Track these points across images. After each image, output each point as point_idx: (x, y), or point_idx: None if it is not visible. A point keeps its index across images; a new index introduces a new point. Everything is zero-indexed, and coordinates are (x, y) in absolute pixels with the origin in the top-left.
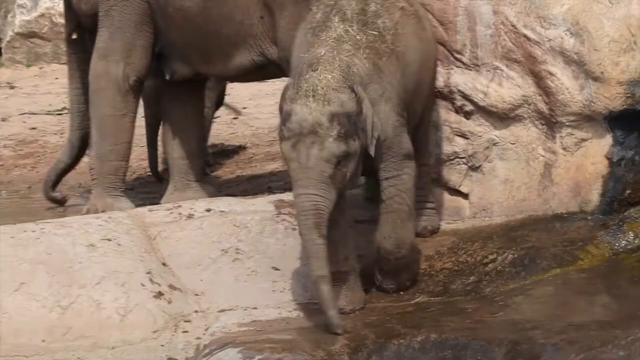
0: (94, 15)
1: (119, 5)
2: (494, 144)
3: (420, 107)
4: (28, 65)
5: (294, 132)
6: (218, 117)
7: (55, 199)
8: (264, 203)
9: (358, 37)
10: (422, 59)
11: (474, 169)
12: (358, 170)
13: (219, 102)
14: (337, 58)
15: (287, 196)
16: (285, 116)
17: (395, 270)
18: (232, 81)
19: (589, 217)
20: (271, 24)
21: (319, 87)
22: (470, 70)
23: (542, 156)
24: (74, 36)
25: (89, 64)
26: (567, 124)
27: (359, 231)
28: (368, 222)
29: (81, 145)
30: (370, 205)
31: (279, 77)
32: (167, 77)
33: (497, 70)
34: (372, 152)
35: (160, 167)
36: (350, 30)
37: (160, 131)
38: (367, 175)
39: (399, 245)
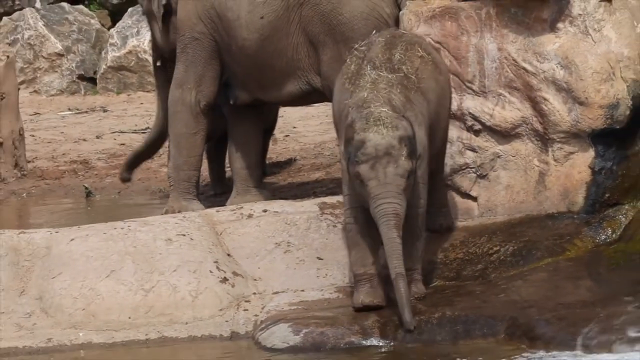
0: (171, 51)
1: (192, 44)
2: (498, 157)
3: (439, 139)
4: (118, 93)
5: (370, 155)
6: (273, 135)
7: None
8: (310, 205)
9: (389, 77)
10: (439, 98)
11: (482, 177)
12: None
13: (273, 124)
14: (379, 96)
15: (330, 199)
16: (358, 144)
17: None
18: (283, 106)
19: (575, 216)
20: (315, 59)
21: (384, 117)
22: (479, 96)
23: (537, 166)
24: (159, 63)
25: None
26: (557, 140)
27: None
28: None
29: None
30: None
31: (322, 102)
32: (231, 102)
33: (501, 96)
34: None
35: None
36: (382, 74)
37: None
38: None
39: (408, 259)
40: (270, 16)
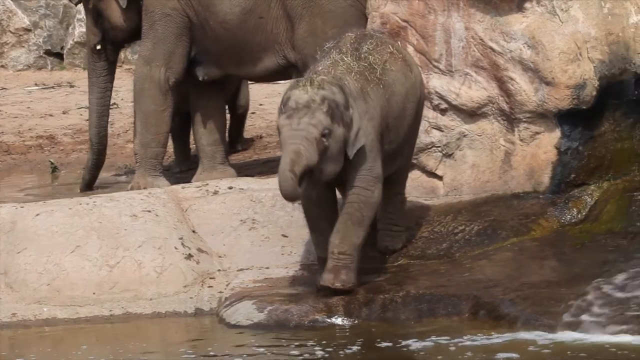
0: (129, 30)
1: (163, 20)
2: (464, 136)
3: (403, 133)
4: (84, 68)
5: (290, 107)
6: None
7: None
8: (276, 182)
9: (351, 64)
10: (406, 93)
11: (448, 156)
12: (338, 162)
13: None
14: (332, 72)
15: None
16: (284, 99)
17: (336, 267)
18: (257, 81)
19: (540, 196)
20: (292, 32)
21: (315, 79)
22: (446, 75)
23: (503, 146)
24: (99, 47)
25: (108, 71)
26: (524, 120)
27: None
28: None
29: (100, 141)
30: None
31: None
32: (200, 79)
33: (468, 76)
34: (350, 154)
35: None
36: (345, 59)
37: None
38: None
39: (343, 242)
40: None
